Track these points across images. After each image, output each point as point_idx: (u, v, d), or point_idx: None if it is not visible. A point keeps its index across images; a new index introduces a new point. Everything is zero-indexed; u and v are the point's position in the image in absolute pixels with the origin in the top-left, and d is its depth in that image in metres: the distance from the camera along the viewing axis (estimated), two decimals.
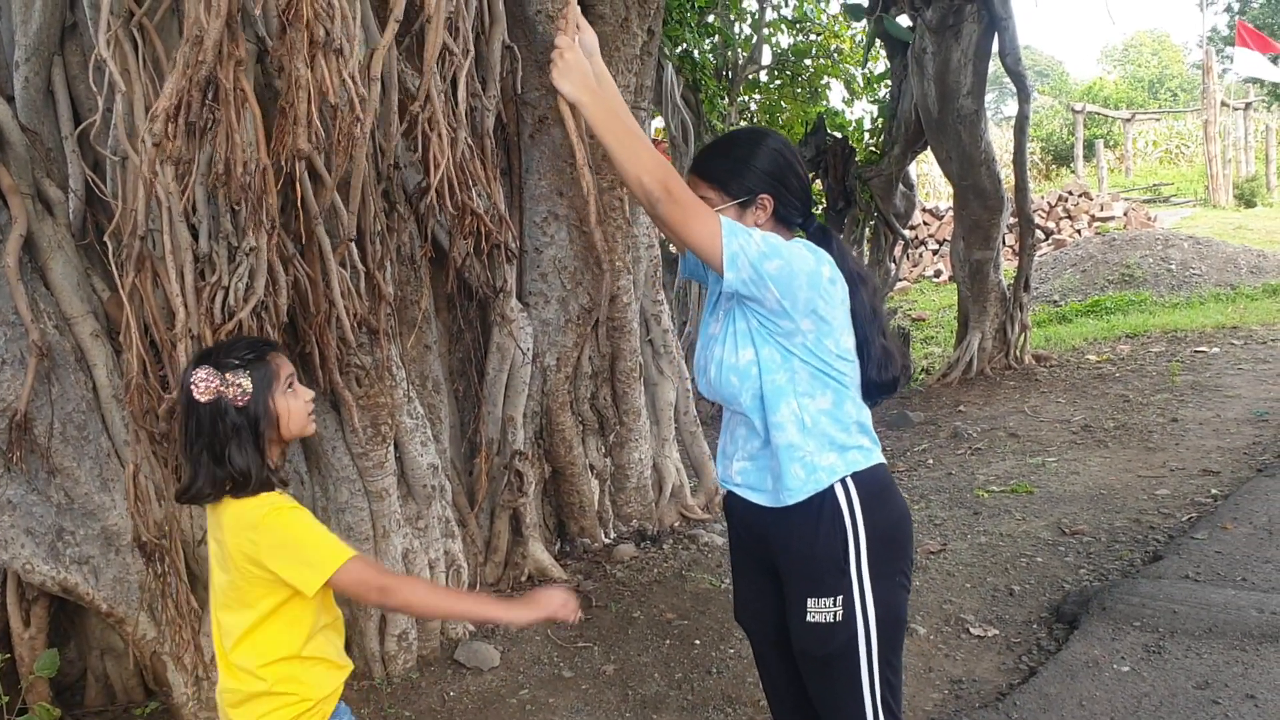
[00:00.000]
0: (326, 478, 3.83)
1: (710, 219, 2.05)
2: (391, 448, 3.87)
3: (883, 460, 2.28)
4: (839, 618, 2.15)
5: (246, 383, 2.01)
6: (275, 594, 2.04)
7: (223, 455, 1.99)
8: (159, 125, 2.34)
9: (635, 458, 5.55)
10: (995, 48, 8.81)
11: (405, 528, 3.95)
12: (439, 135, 2.98)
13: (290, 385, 2.10)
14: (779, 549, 2.26)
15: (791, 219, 2.32)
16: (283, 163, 2.49)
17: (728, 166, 2.27)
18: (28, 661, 3.59)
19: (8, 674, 3.54)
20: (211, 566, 2.13)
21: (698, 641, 4.16)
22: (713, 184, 2.27)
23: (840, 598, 2.15)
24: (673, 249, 9.78)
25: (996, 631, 4.11)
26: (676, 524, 5.73)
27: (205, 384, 1.98)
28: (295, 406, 2.10)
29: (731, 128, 9.68)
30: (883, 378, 2.29)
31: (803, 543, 2.18)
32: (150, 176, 2.52)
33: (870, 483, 2.19)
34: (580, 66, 2.18)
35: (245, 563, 2.02)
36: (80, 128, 3.45)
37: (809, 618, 2.19)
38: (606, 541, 5.36)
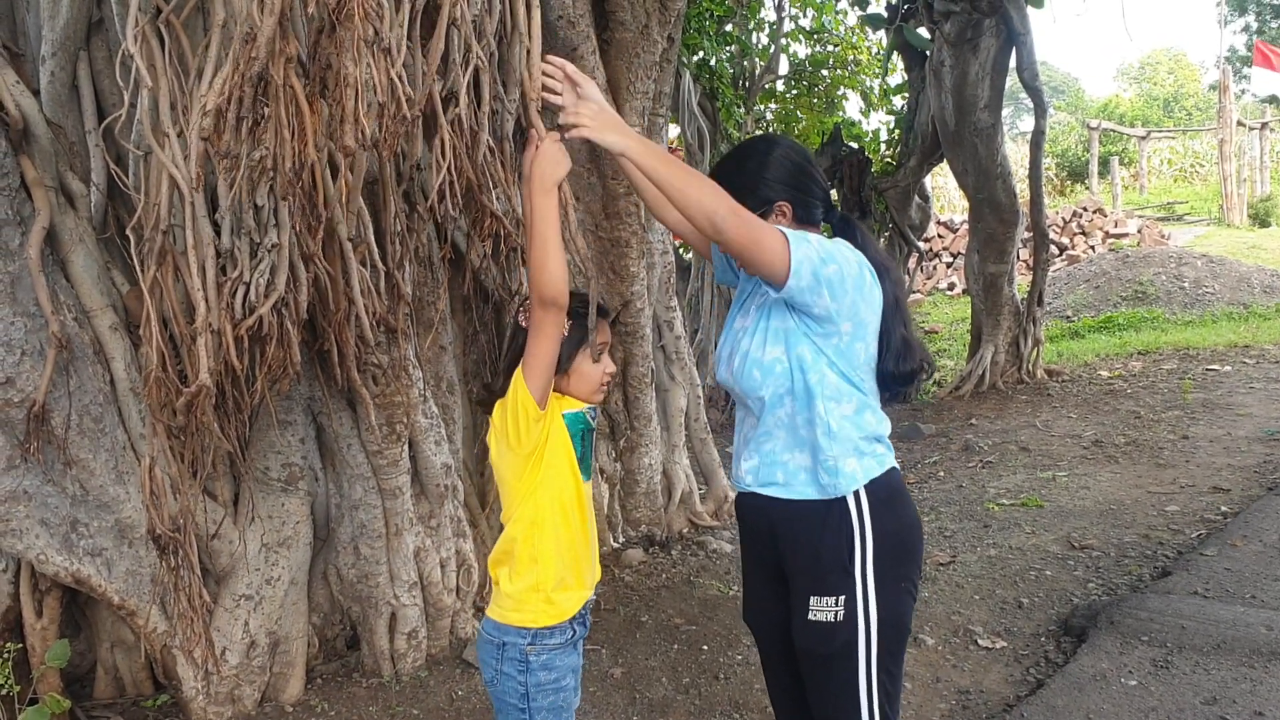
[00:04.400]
0: (341, 474, 3.85)
1: (774, 231, 2.07)
2: (406, 446, 3.89)
3: (896, 466, 2.29)
4: (840, 618, 2.16)
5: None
6: None
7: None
8: (210, 120, 2.36)
9: (645, 463, 5.56)
10: (1013, 63, 8.82)
11: (418, 526, 3.97)
12: (463, 138, 3.00)
13: (601, 354, 2.28)
14: (786, 546, 2.27)
15: (813, 218, 2.33)
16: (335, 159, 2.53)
17: (741, 181, 2.27)
18: (39, 652, 3.60)
19: (19, 664, 3.56)
20: None
21: (705, 647, 4.16)
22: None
23: (843, 598, 2.16)
24: (687, 254, 9.82)
25: (1005, 644, 4.11)
26: (685, 530, 5.74)
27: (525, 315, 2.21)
28: (591, 372, 2.27)
29: (748, 137, 9.71)
30: (900, 369, 2.28)
31: (809, 540, 2.20)
32: (199, 170, 2.54)
33: (882, 488, 2.20)
34: (608, 115, 2.16)
35: None
36: (105, 122, 3.48)
37: (811, 616, 2.20)
38: (615, 546, 5.38)
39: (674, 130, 8.71)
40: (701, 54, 8.79)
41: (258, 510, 3.70)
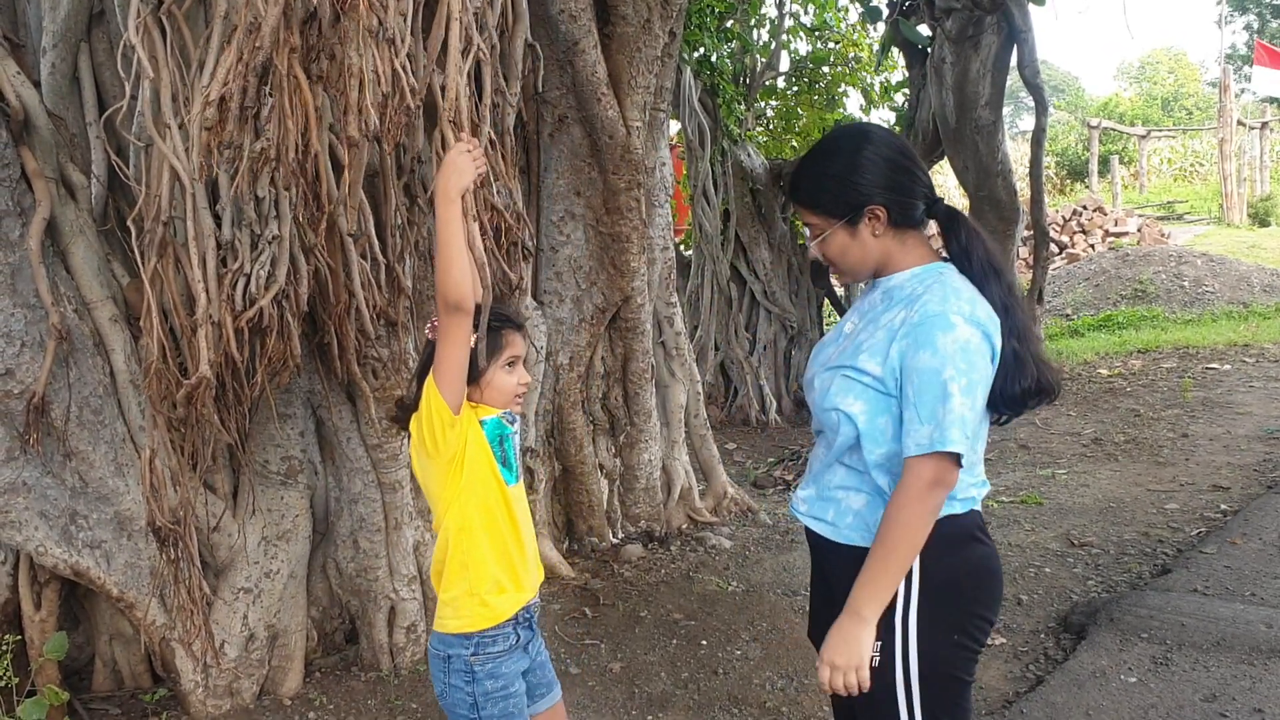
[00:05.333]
0: (341, 468, 3.85)
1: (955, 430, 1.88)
2: (405, 441, 3.88)
3: (974, 508, 2.05)
4: (876, 664, 1.98)
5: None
6: None
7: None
8: (212, 111, 2.35)
9: (645, 459, 5.56)
10: (1014, 61, 8.80)
11: (417, 520, 3.97)
12: (463, 131, 2.99)
13: (511, 364, 2.31)
14: (833, 581, 2.14)
15: (913, 219, 2.08)
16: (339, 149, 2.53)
17: (827, 187, 2.06)
18: (38, 644, 3.60)
19: (18, 656, 3.55)
20: None
21: (704, 642, 4.16)
22: (814, 209, 2.09)
23: (880, 644, 1.98)
24: (687, 251, 9.80)
25: (1004, 640, 4.11)
26: (684, 526, 5.73)
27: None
28: (504, 382, 2.30)
29: (748, 134, 9.69)
30: (1009, 390, 2.01)
31: (853, 580, 2.00)
32: (201, 161, 2.54)
33: (943, 533, 1.95)
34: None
35: None
36: (106, 114, 3.47)
37: None
38: (614, 541, 5.37)
39: (674, 126, 8.70)
40: (702, 50, 8.76)
41: (257, 503, 3.69)
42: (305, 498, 3.82)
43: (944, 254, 2.13)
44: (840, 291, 11.03)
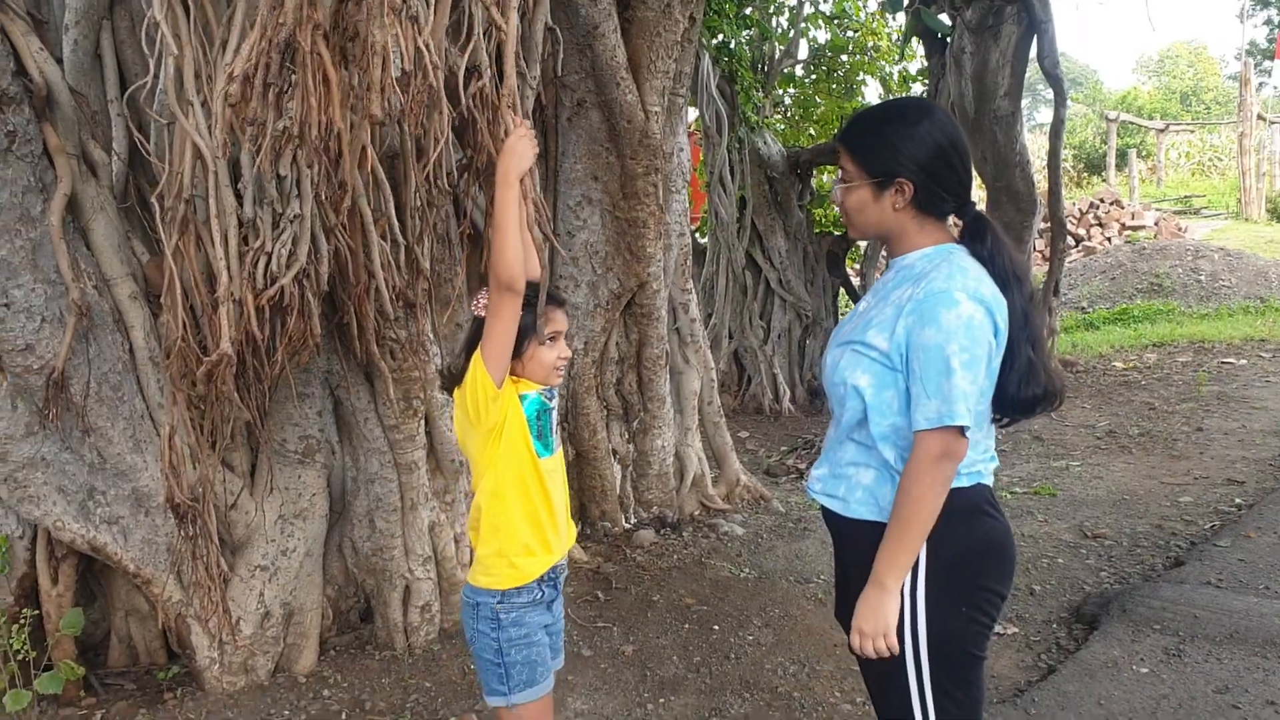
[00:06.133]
0: (358, 448, 3.86)
1: (961, 403, 1.91)
2: (422, 422, 3.90)
3: (982, 481, 2.08)
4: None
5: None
6: None
7: None
8: (235, 87, 2.36)
9: (658, 445, 5.57)
10: (1033, 52, 8.75)
11: (433, 501, 3.98)
12: (488, 113, 2.99)
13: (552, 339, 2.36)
14: (847, 557, 2.19)
15: (938, 211, 2.11)
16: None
17: (873, 142, 2.09)
18: (54, 619, 3.62)
19: (35, 630, 3.58)
20: None
21: (716, 627, 4.17)
22: (853, 156, 2.12)
23: None
24: (702, 238, 9.79)
25: (1016, 630, 4.11)
26: (696, 512, 5.75)
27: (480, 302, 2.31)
28: (545, 356, 2.35)
29: (766, 121, 9.67)
30: (1022, 394, 2.04)
31: (865, 559, 2.04)
32: (224, 138, 2.55)
33: (948, 502, 1.97)
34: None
35: None
36: (129, 91, 3.48)
37: None
38: (627, 526, 5.39)
39: (692, 113, 8.69)
40: (721, 36, 8.74)
41: (275, 482, 3.71)
42: (322, 477, 3.84)
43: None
44: (856, 281, 11.02)
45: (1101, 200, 18.94)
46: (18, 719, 3.40)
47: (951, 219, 2.19)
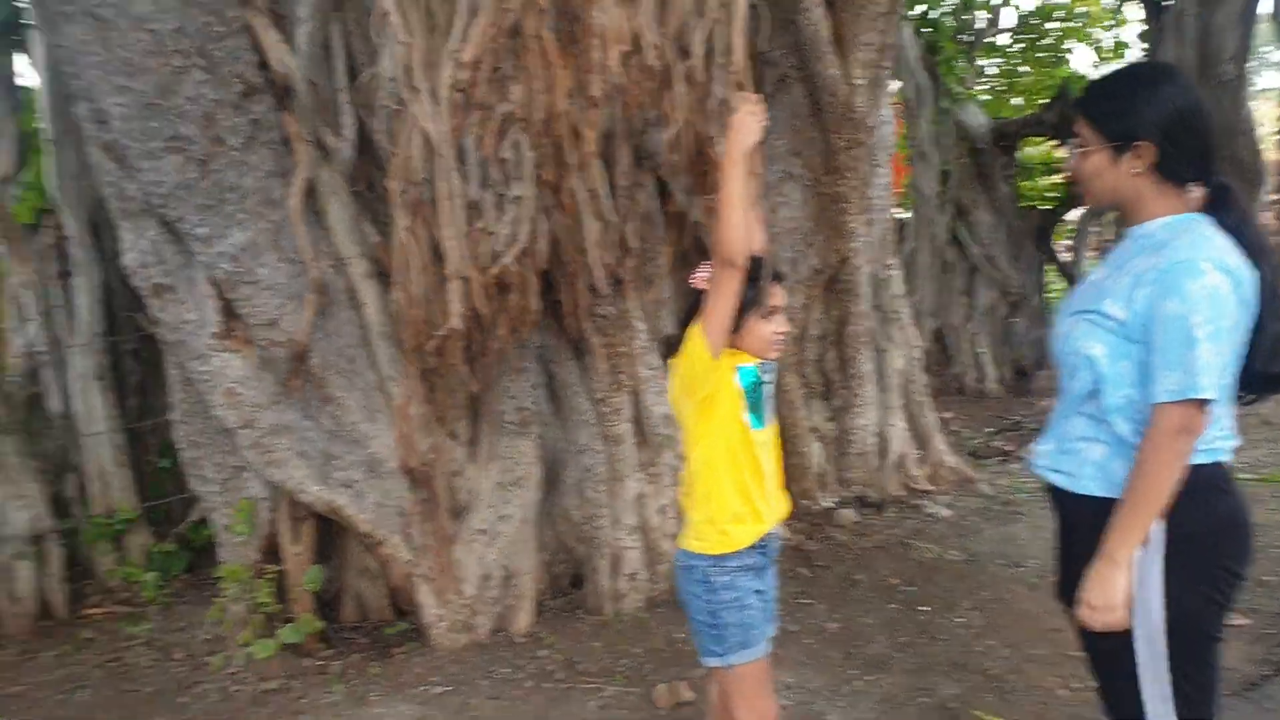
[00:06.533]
0: (567, 420, 4.00)
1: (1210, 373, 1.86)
2: (629, 396, 4.00)
3: (1219, 459, 2.00)
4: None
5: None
6: None
7: None
8: (466, 73, 2.48)
9: (860, 424, 5.51)
10: (1267, 9, 8.16)
11: (639, 472, 4.08)
12: (695, 92, 3.04)
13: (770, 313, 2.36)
14: (1075, 535, 2.12)
15: (1179, 176, 2.01)
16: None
17: (1109, 105, 2.03)
18: (295, 576, 3.91)
19: (277, 587, 3.86)
20: None
21: (923, 608, 4.11)
22: (1090, 121, 2.05)
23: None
24: (905, 213, 9.58)
25: (1247, 621, 3.88)
26: (899, 493, 5.65)
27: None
28: (762, 330, 2.36)
29: (968, 93, 9.36)
30: (1270, 369, 1.98)
31: (1093, 532, 1.98)
32: (454, 123, 2.68)
33: (1190, 483, 1.91)
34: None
35: None
36: (360, 79, 3.69)
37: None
38: (826, 505, 5.35)
39: (893, 86, 8.51)
40: (923, 7, 8.52)
41: (494, 450, 3.88)
42: (537, 447, 4.00)
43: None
44: (1066, 258, 10.54)
45: None
46: (264, 666, 3.69)
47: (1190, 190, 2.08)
